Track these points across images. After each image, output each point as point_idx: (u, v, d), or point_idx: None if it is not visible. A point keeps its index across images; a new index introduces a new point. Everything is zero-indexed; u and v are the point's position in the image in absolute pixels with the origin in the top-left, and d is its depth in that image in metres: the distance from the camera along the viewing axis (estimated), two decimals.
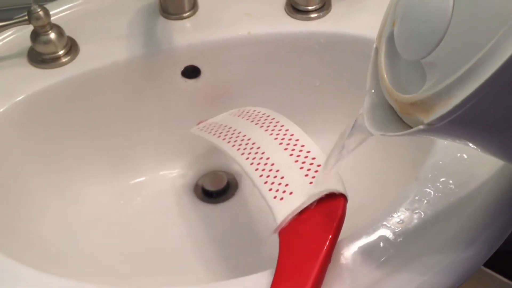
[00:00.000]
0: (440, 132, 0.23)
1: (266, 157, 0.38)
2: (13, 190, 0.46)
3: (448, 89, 0.21)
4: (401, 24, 0.25)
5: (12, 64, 0.48)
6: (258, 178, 0.37)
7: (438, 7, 0.23)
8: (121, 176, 0.53)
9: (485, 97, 0.20)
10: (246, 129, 0.43)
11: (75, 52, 0.49)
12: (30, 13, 0.45)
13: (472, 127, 0.23)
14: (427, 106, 0.22)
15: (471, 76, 0.20)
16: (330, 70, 0.51)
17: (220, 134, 0.44)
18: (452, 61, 0.22)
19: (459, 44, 0.22)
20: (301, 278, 0.30)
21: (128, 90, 0.50)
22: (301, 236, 0.32)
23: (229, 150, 0.41)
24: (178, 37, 0.50)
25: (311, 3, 0.50)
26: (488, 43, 0.20)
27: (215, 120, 0.48)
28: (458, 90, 0.21)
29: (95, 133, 0.51)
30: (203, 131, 0.46)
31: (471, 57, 0.20)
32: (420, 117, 0.23)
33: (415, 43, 0.24)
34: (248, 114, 0.45)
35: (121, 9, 0.52)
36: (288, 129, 0.40)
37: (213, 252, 0.49)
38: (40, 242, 0.45)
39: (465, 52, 0.21)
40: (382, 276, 0.32)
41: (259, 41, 0.50)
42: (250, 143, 0.40)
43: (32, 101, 0.46)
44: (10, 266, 0.35)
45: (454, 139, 0.26)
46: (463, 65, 0.21)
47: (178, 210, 0.52)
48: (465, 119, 0.22)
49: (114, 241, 0.49)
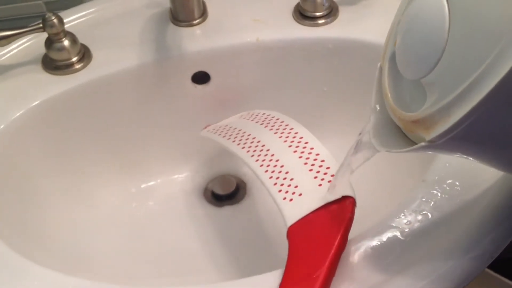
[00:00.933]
0: (442, 148, 0.24)
1: (276, 159, 0.39)
2: (28, 192, 0.47)
3: (448, 107, 0.22)
4: (401, 44, 0.26)
5: (27, 71, 0.49)
6: (268, 179, 0.38)
7: (434, 28, 0.24)
8: (132, 179, 0.54)
9: (483, 114, 0.21)
10: (256, 131, 0.43)
11: (88, 58, 0.50)
12: (45, 21, 0.47)
13: (473, 143, 0.24)
14: (428, 123, 0.23)
15: (469, 94, 0.21)
16: (338, 75, 0.52)
17: (230, 136, 0.44)
18: (450, 80, 0.23)
19: (456, 63, 0.22)
20: (310, 278, 0.30)
21: (140, 96, 0.51)
22: (310, 237, 0.33)
23: (238, 152, 0.42)
24: (188, 44, 0.51)
25: (319, 10, 0.51)
26: (484, 61, 0.21)
27: (225, 123, 0.48)
28: (457, 108, 0.22)
29: (107, 137, 0.52)
30: (213, 133, 0.47)
31: (469, 75, 0.21)
32: (422, 134, 0.24)
33: (414, 63, 0.25)
34: (258, 117, 0.46)
35: (133, 17, 0.53)
36: (298, 132, 0.41)
37: (223, 254, 0.50)
38: (52, 242, 0.46)
39: (462, 71, 0.22)
40: (389, 276, 0.33)
41: (268, 47, 0.51)
42: (259, 145, 0.41)
43: (47, 106, 0.47)
44: (24, 265, 0.36)
45: (456, 154, 0.26)
46: (461, 83, 0.22)
47: (188, 213, 0.53)
48: (465, 136, 0.22)
49: (125, 243, 0.50)
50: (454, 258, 0.33)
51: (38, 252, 0.42)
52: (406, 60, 0.26)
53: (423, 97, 0.24)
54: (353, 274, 0.33)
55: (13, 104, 0.46)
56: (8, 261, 0.36)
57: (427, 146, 0.24)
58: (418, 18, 0.26)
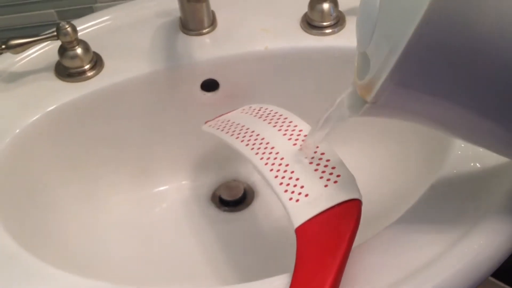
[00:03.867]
0: (385, 109, 0.28)
1: (281, 157, 0.38)
2: (41, 196, 0.48)
3: (379, 71, 0.26)
4: (356, 23, 0.31)
5: (40, 78, 0.50)
6: (274, 179, 0.37)
7: (371, 5, 0.28)
8: (142, 185, 0.55)
9: (403, 73, 0.25)
10: (259, 128, 0.42)
11: (100, 66, 0.51)
12: (59, 29, 0.48)
13: (405, 102, 0.28)
14: (370, 87, 0.28)
15: (390, 58, 0.25)
16: (345, 83, 0.53)
17: (233, 133, 0.43)
18: (381, 49, 0.27)
19: (383, 35, 0.27)
20: (320, 279, 0.31)
21: (150, 103, 0.52)
22: (318, 238, 0.33)
23: (243, 150, 0.41)
24: (197, 52, 0.52)
25: (326, 20, 0.52)
26: (401, 31, 0.25)
27: (227, 117, 0.47)
28: (384, 71, 0.26)
29: (119, 144, 0.53)
30: (215, 128, 0.46)
31: (390, 44, 0.26)
32: (367, 98, 0.28)
33: (360, 37, 0.30)
34: (260, 112, 0.45)
35: (144, 26, 0.54)
36: (302, 130, 0.40)
37: (230, 259, 0.50)
38: (64, 246, 0.46)
39: (387, 41, 0.26)
40: (400, 278, 0.33)
41: (276, 55, 0.52)
42: (264, 142, 0.40)
43: (60, 112, 0.48)
44: (39, 266, 0.36)
45: (403, 116, 0.30)
46: (386, 50, 0.26)
47: (196, 218, 0.54)
48: (396, 94, 0.27)
49: (136, 248, 0.51)
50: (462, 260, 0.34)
51: (51, 255, 0.42)
52: (358, 34, 0.31)
53: (369, 65, 0.29)
54: (363, 274, 0.33)
55: (27, 110, 0.47)
56: (23, 262, 0.37)
57: (371, 107, 0.28)
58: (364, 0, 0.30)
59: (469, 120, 0.29)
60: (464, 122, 0.29)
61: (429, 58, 0.25)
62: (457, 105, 0.27)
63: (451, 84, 0.26)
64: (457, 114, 0.28)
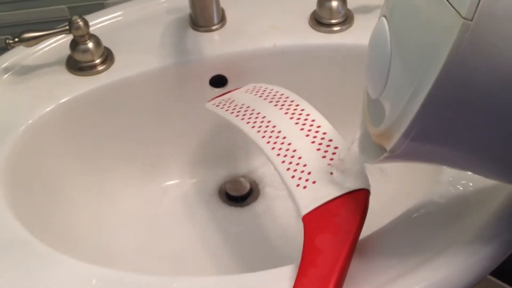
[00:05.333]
0: (404, 156, 0.27)
1: (288, 142, 0.37)
2: (52, 187, 0.48)
3: (398, 120, 0.26)
4: (366, 66, 0.30)
5: (52, 71, 0.51)
6: (281, 164, 0.37)
7: (382, 53, 0.27)
8: (152, 179, 0.55)
9: (424, 123, 0.25)
10: (266, 110, 0.41)
11: (111, 61, 0.51)
12: (71, 23, 0.48)
13: (427, 149, 0.27)
14: (388, 136, 0.27)
15: (409, 107, 0.25)
16: (353, 80, 0.53)
17: (238, 113, 0.42)
18: (397, 97, 0.26)
19: (399, 82, 0.26)
20: (327, 268, 0.31)
21: (159, 98, 0.53)
22: (326, 226, 0.32)
23: (250, 132, 0.40)
24: (206, 48, 0.52)
25: (335, 17, 0.52)
26: (416, 79, 0.24)
27: (231, 97, 0.46)
28: (403, 120, 0.25)
29: (128, 138, 0.53)
30: (220, 107, 0.45)
31: (407, 92, 0.25)
32: (385, 146, 0.27)
33: (372, 84, 0.29)
34: (265, 92, 0.44)
35: (154, 22, 0.55)
36: (309, 114, 0.39)
37: (237, 252, 0.51)
38: (75, 237, 0.47)
39: (403, 89, 0.25)
40: (402, 272, 0.34)
41: (284, 52, 0.52)
42: (270, 126, 0.39)
43: (71, 105, 0.49)
44: (52, 254, 0.37)
45: (420, 161, 0.29)
46: (404, 99, 0.25)
47: (203, 213, 0.54)
48: (417, 143, 0.26)
49: (145, 241, 0.51)
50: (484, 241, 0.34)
51: (61, 244, 0.43)
52: (369, 81, 0.30)
53: (384, 113, 0.28)
54: (369, 267, 0.34)
55: (39, 102, 0.48)
56: (35, 250, 0.37)
57: (389, 156, 0.27)
58: (373, 43, 0.29)
59: (487, 161, 0.28)
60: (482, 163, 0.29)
61: (454, 104, 0.24)
62: (480, 150, 0.27)
63: (477, 131, 0.25)
64: (478, 157, 0.28)
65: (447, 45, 0.22)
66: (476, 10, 0.22)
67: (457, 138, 0.26)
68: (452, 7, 0.22)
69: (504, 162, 0.28)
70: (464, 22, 0.22)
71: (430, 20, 0.24)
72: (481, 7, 0.22)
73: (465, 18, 0.22)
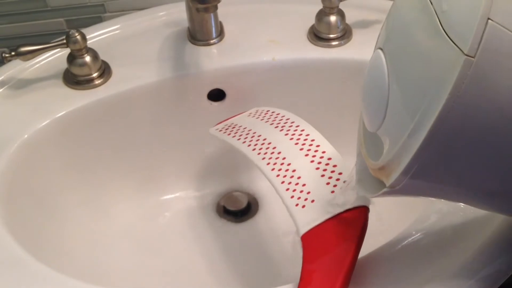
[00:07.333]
0: (404, 192, 0.27)
1: (287, 162, 0.38)
2: (47, 201, 0.48)
3: (397, 156, 0.25)
4: (362, 100, 0.30)
5: (49, 85, 0.50)
6: (280, 184, 0.37)
7: (379, 87, 0.27)
8: (148, 194, 0.55)
9: (426, 159, 0.24)
10: (266, 132, 0.42)
11: (108, 75, 0.51)
12: (69, 37, 0.48)
13: (427, 185, 0.26)
14: (387, 171, 0.26)
15: (409, 144, 0.24)
16: (351, 95, 0.53)
17: (240, 137, 0.43)
18: (396, 132, 0.26)
19: (397, 118, 0.26)
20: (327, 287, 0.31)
21: (157, 112, 0.53)
22: (325, 245, 0.32)
23: (250, 155, 0.41)
24: (205, 62, 0.52)
25: (333, 32, 0.52)
26: (416, 115, 0.24)
27: (234, 122, 0.47)
28: (403, 156, 0.25)
29: (125, 152, 0.53)
30: (222, 132, 0.46)
31: (407, 127, 0.24)
32: (384, 181, 0.27)
33: (369, 118, 0.29)
34: (267, 115, 0.45)
35: (152, 36, 0.55)
36: (309, 134, 0.40)
37: (235, 269, 0.50)
38: (70, 253, 0.46)
39: (402, 124, 0.25)
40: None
41: (283, 66, 0.52)
42: (270, 147, 0.40)
43: (67, 119, 0.48)
44: (43, 271, 0.37)
45: (420, 196, 0.29)
46: (403, 135, 0.25)
47: (200, 228, 0.54)
48: (417, 180, 0.25)
49: (140, 257, 0.50)
50: (466, 277, 0.34)
51: (55, 260, 0.42)
52: (365, 115, 0.29)
53: (382, 147, 0.27)
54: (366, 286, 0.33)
55: (36, 116, 0.47)
56: (27, 266, 0.37)
57: (389, 192, 0.27)
58: (369, 77, 0.29)
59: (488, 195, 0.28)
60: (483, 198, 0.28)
61: (456, 141, 0.23)
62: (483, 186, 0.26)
63: (480, 168, 0.25)
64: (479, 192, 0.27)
65: (449, 81, 0.22)
66: (479, 47, 0.21)
67: (460, 175, 0.25)
68: (453, 43, 0.22)
69: (507, 196, 0.27)
70: (467, 59, 0.21)
71: (431, 55, 0.24)
72: (484, 44, 0.21)
73: (468, 55, 0.21)
